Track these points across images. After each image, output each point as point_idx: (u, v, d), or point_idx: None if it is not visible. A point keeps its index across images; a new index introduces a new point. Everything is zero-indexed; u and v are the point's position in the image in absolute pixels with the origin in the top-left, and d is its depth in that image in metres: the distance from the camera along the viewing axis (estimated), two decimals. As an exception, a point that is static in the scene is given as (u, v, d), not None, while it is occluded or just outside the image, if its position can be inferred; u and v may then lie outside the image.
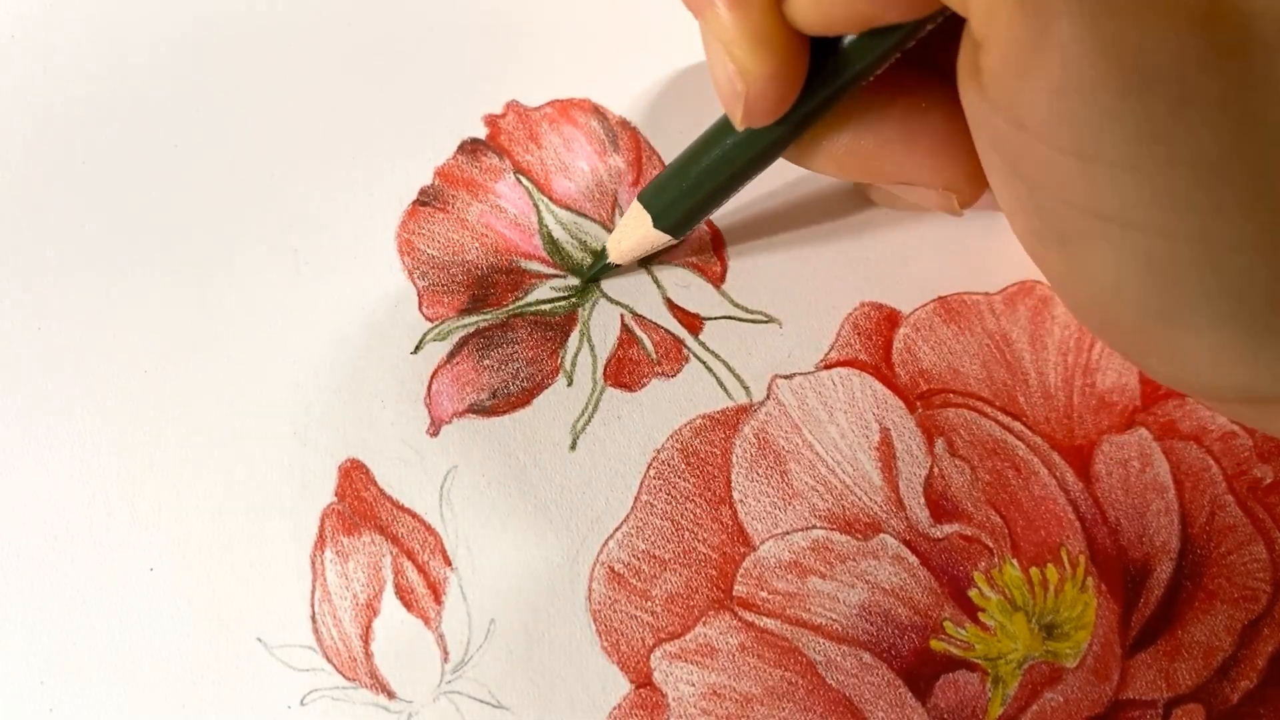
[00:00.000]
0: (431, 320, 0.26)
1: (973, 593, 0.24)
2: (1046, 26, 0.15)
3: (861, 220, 0.27)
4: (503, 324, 0.26)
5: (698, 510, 0.25)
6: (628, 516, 0.25)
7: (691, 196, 0.24)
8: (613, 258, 0.26)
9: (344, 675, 0.24)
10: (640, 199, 0.25)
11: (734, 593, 0.24)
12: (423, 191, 0.27)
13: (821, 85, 0.21)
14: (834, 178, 0.25)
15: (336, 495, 0.25)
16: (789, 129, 0.22)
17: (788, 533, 0.24)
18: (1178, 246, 0.16)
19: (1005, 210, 0.20)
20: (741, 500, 0.25)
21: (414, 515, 0.25)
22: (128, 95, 0.28)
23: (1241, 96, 0.15)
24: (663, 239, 0.25)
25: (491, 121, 0.28)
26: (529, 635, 0.24)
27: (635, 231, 0.25)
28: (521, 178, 0.27)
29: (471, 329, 0.26)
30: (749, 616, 0.24)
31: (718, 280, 0.27)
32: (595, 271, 0.26)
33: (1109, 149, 0.16)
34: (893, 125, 0.22)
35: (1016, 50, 0.16)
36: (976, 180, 0.22)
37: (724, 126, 0.23)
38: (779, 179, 0.27)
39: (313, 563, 0.24)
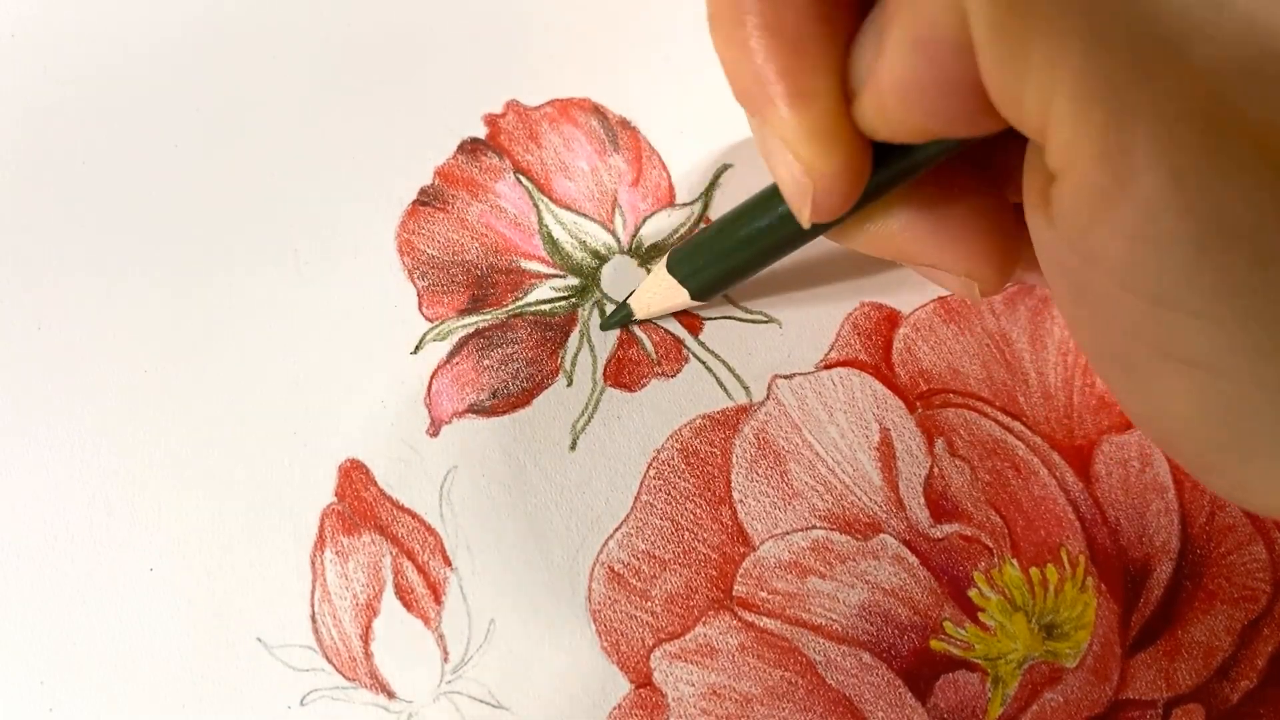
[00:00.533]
0: (431, 320, 0.26)
1: (973, 593, 0.24)
2: (1129, 176, 0.15)
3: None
4: (503, 324, 0.26)
5: (698, 510, 0.25)
6: (628, 516, 0.25)
7: (723, 266, 0.24)
8: (639, 315, 0.26)
9: (344, 675, 0.24)
10: (670, 264, 0.25)
11: (734, 593, 0.24)
12: (423, 191, 0.27)
13: (880, 179, 0.20)
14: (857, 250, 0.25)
15: (336, 495, 0.25)
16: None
17: (787, 533, 0.24)
18: (1252, 391, 0.16)
19: (1068, 324, 0.19)
20: (741, 500, 0.25)
21: (414, 515, 0.25)
22: (128, 95, 0.28)
23: None
24: (690, 304, 0.25)
25: (491, 121, 0.28)
26: (529, 635, 0.24)
27: (667, 299, 0.25)
28: (521, 177, 0.27)
29: (471, 329, 0.26)
30: (749, 616, 0.24)
31: (718, 280, 0.27)
32: (614, 321, 0.26)
33: (1185, 298, 0.16)
34: (920, 210, 0.21)
35: (1094, 192, 0.16)
36: (1000, 271, 0.22)
37: (764, 203, 0.22)
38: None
39: (313, 563, 0.24)
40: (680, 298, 0.25)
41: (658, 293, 0.25)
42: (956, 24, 0.16)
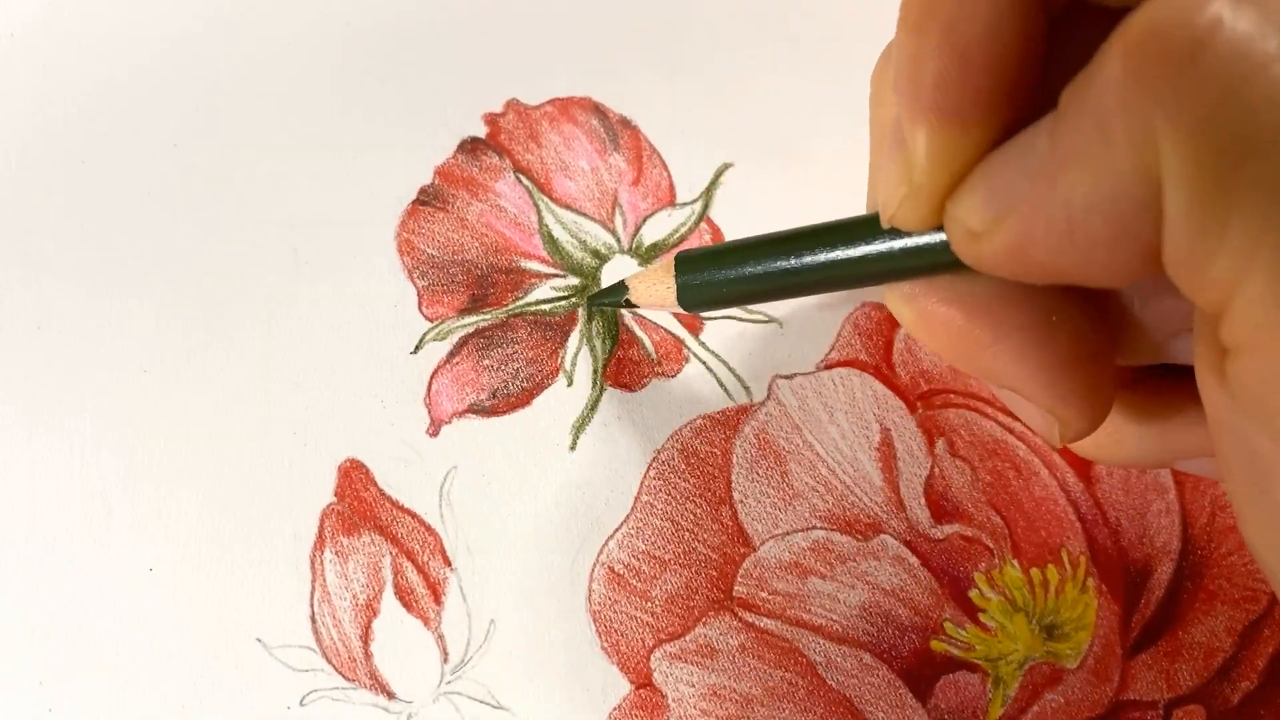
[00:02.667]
0: (431, 320, 0.26)
1: (973, 593, 0.24)
2: None
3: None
4: (503, 324, 0.26)
5: (698, 511, 0.25)
6: (628, 517, 0.25)
7: (736, 288, 0.21)
8: (634, 299, 0.23)
9: (343, 675, 0.24)
10: (679, 262, 0.22)
11: (734, 593, 0.24)
12: (423, 191, 0.27)
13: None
14: (922, 343, 0.22)
15: (336, 495, 0.25)
16: (912, 261, 0.18)
17: (788, 533, 0.24)
18: None
19: (1238, 508, 0.17)
20: (742, 501, 0.25)
21: (414, 515, 0.25)
22: (128, 95, 0.28)
23: None
24: (677, 308, 0.22)
25: (491, 120, 0.28)
26: (529, 635, 0.24)
27: (659, 297, 0.22)
28: (521, 177, 0.27)
29: (471, 329, 0.26)
30: (749, 617, 0.24)
31: (718, 280, 0.26)
32: (604, 300, 0.24)
33: None
34: (1013, 324, 0.18)
35: None
36: (1088, 415, 0.19)
37: (818, 235, 0.20)
38: (779, 178, 0.27)
39: (312, 563, 0.24)
40: (669, 299, 0.22)
41: (653, 295, 0.23)
42: (1144, 183, 0.14)
